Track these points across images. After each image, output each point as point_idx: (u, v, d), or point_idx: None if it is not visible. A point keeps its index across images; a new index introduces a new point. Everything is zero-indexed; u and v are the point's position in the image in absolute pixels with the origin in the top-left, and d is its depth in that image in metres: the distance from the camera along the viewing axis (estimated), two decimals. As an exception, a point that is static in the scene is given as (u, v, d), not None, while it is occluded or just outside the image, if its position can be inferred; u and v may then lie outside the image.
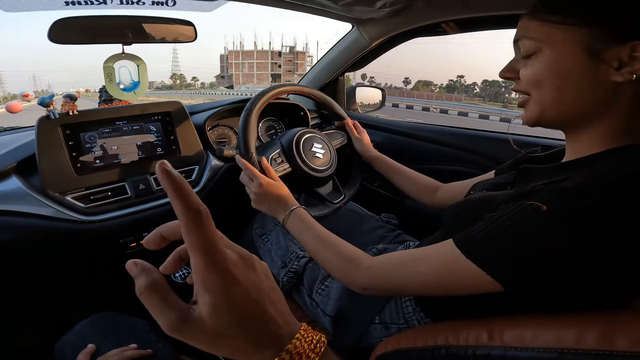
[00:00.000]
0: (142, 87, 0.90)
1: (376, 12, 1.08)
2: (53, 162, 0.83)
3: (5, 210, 0.78)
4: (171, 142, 1.00)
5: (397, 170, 1.01)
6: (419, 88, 77.16)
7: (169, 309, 0.26)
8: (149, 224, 0.95)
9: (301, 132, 0.99)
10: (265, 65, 71.71)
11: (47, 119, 0.82)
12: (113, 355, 0.63)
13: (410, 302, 0.67)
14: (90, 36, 0.79)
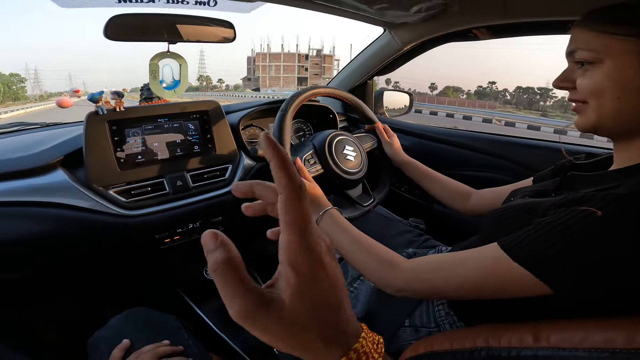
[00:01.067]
0: (182, 86, 0.93)
1: (411, 16, 1.07)
2: (99, 156, 0.86)
3: (50, 202, 0.81)
4: (207, 140, 1.03)
5: (428, 175, 1.01)
6: (449, 94, 74.50)
7: (245, 292, 0.23)
8: (184, 221, 0.98)
9: (333, 134, 1.01)
10: (292, 68, 71.26)
11: (96, 114, 0.85)
12: (147, 351, 0.65)
13: (442, 306, 0.67)
14: (141, 34, 0.82)
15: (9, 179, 0.81)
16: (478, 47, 31.97)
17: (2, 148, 0.95)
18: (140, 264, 1.11)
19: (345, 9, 1.07)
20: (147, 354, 0.64)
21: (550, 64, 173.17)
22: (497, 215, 0.61)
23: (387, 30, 1.31)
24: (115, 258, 1.03)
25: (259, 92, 53.76)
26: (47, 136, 0.96)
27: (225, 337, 0.96)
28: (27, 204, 0.79)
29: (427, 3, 0.97)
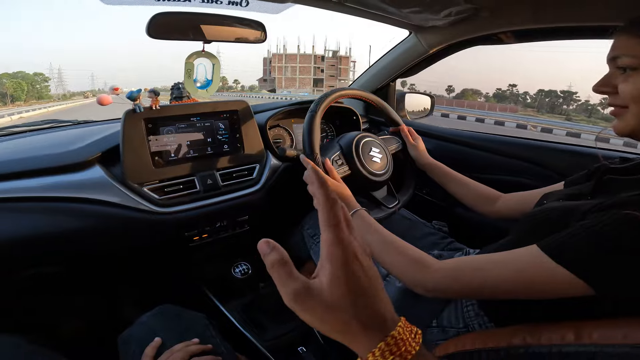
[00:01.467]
0: (214, 85, 0.94)
1: (439, 20, 1.07)
2: (135, 153, 0.88)
3: (88, 198, 0.83)
4: (236, 139, 1.04)
5: (454, 178, 1.00)
6: (468, 97, 72.10)
7: (294, 280, 0.30)
8: (213, 219, 1.00)
9: (360, 135, 1.01)
10: (308, 69, 70.58)
11: (133, 112, 0.87)
12: (179, 349, 0.66)
13: (472, 307, 0.67)
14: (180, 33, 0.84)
15: (49, 174, 0.83)
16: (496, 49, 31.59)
17: (39, 144, 0.98)
18: (169, 261, 1.13)
19: (374, 12, 1.08)
20: (178, 352, 0.65)
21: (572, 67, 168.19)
22: (532, 218, 0.62)
23: (412, 32, 1.31)
24: (146, 254, 1.05)
25: (274, 93, 53.46)
26: (84, 133, 0.98)
27: (249, 336, 0.97)
28: (66, 199, 0.82)
29: (457, 7, 0.96)
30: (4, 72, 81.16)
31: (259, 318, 1.04)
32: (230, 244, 1.12)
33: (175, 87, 1.04)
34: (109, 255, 0.99)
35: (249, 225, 1.09)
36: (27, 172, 0.83)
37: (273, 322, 1.03)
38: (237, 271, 1.11)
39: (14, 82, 75.55)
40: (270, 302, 1.07)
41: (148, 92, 0.89)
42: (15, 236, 0.80)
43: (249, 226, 1.10)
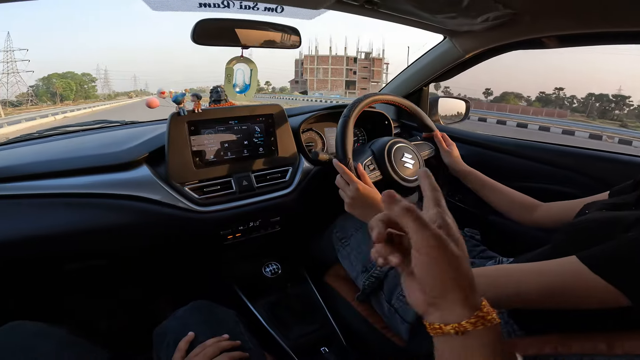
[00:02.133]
0: (252, 90, 0.99)
1: (476, 25, 1.06)
2: (179, 154, 0.92)
3: (137, 196, 0.88)
4: (271, 142, 1.07)
5: (489, 185, 0.99)
6: (510, 100, 68.13)
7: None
8: (247, 219, 1.03)
9: (393, 141, 1.01)
10: (340, 71, 69.70)
11: (178, 115, 0.92)
12: (210, 344, 0.68)
13: (502, 315, 0.65)
14: (220, 39, 0.88)
15: (101, 172, 0.90)
16: (537, 52, 29.54)
17: (92, 144, 1.05)
18: (203, 258, 1.17)
19: (408, 17, 1.08)
20: (210, 347, 0.67)
21: (621, 70, 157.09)
22: (572, 228, 0.61)
23: (447, 37, 1.29)
24: (184, 251, 1.09)
25: (306, 95, 53.27)
26: (132, 134, 1.04)
27: (274, 334, 0.99)
28: (116, 196, 0.88)
29: (495, 12, 0.94)
30: (54, 72, 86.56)
31: (284, 317, 1.06)
32: (261, 243, 1.16)
33: (214, 90, 1.09)
34: (151, 250, 1.04)
35: (280, 226, 1.12)
36: (81, 170, 0.90)
37: (298, 321, 1.04)
38: (268, 270, 1.14)
39: (63, 82, 79.74)
40: (296, 302, 1.10)
41: (191, 96, 0.93)
42: (69, 230, 0.87)
43: (280, 227, 1.12)
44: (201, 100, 0.95)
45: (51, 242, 0.88)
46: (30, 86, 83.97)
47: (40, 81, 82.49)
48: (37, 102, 77.39)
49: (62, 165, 0.90)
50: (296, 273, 1.19)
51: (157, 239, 0.99)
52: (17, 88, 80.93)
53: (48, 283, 1.06)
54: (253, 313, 1.05)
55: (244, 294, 1.11)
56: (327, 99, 34.96)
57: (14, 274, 0.95)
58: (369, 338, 0.93)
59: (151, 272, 1.20)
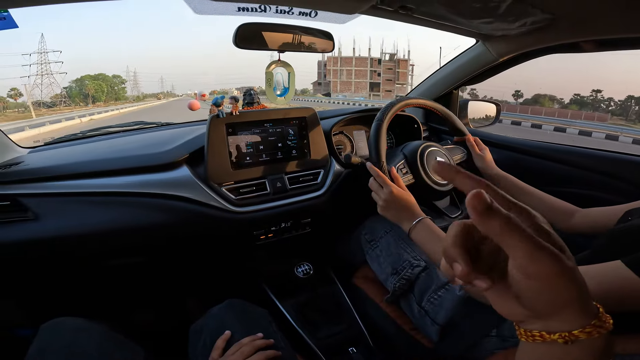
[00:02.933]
0: (290, 93, 1.01)
1: (512, 29, 1.04)
2: (217, 155, 0.96)
3: (177, 195, 0.92)
4: (304, 145, 1.10)
5: (524, 190, 0.97)
6: (544, 103, 63.13)
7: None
8: (279, 220, 1.06)
9: (425, 145, 1.02)
10: (364, 73, 68.23)
11: (217, 117, 0.95)
12: (246, 343, 0.69)
13: None
14: (260, 43, 0.91)
15: (143, 172, 0.94)
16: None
17: (135, 145, 1.10)
18: (236, 257, 1.20)
19: (443, 22, 1.07)
20: (246, 346, 0.68)
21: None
22: (616, 234, 0.60)
23: (480, 41, 1.28)
24: (218, 249, 1.13)
25: (330, 97, 52.42)
26: (171, 135, 1.09)
27: (302, 334, 1.01)
28: (158, 195, 0.92)
29: (533, 17, 0.93)
30: (87, 74, 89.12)
31: (313, 317, 1.07)
32: (291, 244, 1.18)
33: (247, 93, 1.12)
34: (186, 248, 1.08)
35: (311, 227, 1.14)
36: (125, 170, 0.94)
37: (325, 322, 1.06)
38: (300, 271, 1.16)
39: (95, 83, 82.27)
40: (324, 303, 1.11)
41: (229, 99, 0.97)
42: (114, 226, 0.91)
43: (311, 228, 1.14)
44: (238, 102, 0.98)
45: (95, 239, 0.93)
46: (63, 87, 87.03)
47: (74, 83, 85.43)
48: (70, 103, 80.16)
49: (106, 165, 0.95)
50: (324, 274, 1.21)
51: (194, 237, 1.02)
52: (50, 89, 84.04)
53: (88, 279, 1.11)
54: (282, 312, 1.07)
55: (273, 294, 1.14)
56: (351, 101, 34.51)
57: (57, 269, 1.00)
58: (396, 339, 0.94)
59: (186, 270, 1.23)
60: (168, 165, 0.96)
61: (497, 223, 0.25)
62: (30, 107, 50.42)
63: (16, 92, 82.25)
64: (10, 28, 0.79)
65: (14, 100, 77.38)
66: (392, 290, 0.92)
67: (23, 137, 10.79)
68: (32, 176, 0.92)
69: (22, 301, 1.09)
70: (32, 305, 1.09)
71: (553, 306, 0.27)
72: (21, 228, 0.87)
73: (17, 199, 0.89)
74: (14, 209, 0.88)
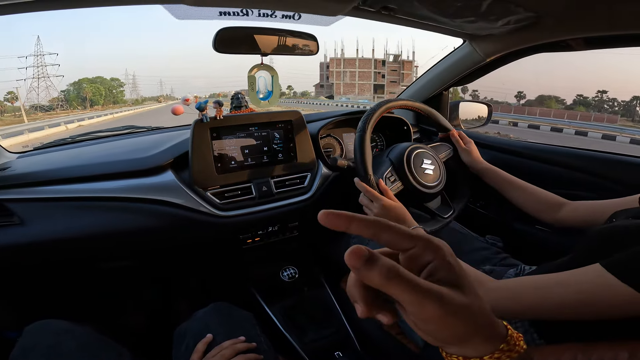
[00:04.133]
0: (275, 96, 1.01)
1: (497, 28, 1.04)
2: (202, 160, 0.96)
3: (162, 200, 0.92)
4: (290, 148, 1.09)
5: (512, 183, 0.97)
6: (551, 105, 58.87)
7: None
8: (266, 224, 1.05)
9: (411, 147, 1.00)
10: (368, 74, 65.72)
11: (201, 121, 0.95)
12: (227, 346, 0.69)
13: (521, 323, 0.64)
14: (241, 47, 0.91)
15: (129, 177, 0.94)
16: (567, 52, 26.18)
17: (122, 149, 1.10)
18: (222, 262, 1.20)
19: (426, 22, 1.07)
20: (227, 349, 0.68)
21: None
22: (598, 235, 0.59)
23: (467, 41, 1.28)
24: (204, 253, 1.12)
25: (333, 100, 51.39)
26: (158, 140, 1.09)
27: (289, 337, 1.01)
28: (143, 200, 0.92)
29: (516, 16, 0.92)
30: (84, 77, 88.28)
31: (300, 321, 1.07)
32: (279, 248, 1.17)
33: (235, 96, 1.11)
34: (173, 252, 1.07)
35: (298, 231, 1.14)
36: (111, 175, 0.94)
37: (313, 325, 1.05)
38: (285, 274, 1.15)
39: (93, 87, 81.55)
40: (312, 306, 1.10)
41: (213, 103, 0.97)
42: (99, 231, 0.91)
43: (298, 232, 1.14)
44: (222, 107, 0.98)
45: (83, 243, 0.93)
46: (61, 91, 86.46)
47: (71, 86, 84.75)
48: (68, 107, 79.80)
49: (92, 170, 0.95)
50: (313, 278, 1.20)
51: (180, 241, 1.02)
52: (47, 93, 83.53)
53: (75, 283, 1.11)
54: (269, 316, 1.07)
55: (261, 297, 1.13)
56: (355, 104, 32.74)
57: (44, 273, 1.00)
58: (383, 344, 0.93)
59: (172, 274, 1.23)
60: (153, 170, 0.95)
61: (377, 276, 0.24)
62: (23, 111, 50.25)
63: (13, 95, 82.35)
64: None
65: (11, 104, 77.53)
66: None
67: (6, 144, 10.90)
68: (19, 181, 0.92)
69: (9, 304, 1.09)
70: (19, 307, 1.09)
71: (456, 339, 0.28)
72: (6, 233, 0.87)
73: (3, 204, 0.89)
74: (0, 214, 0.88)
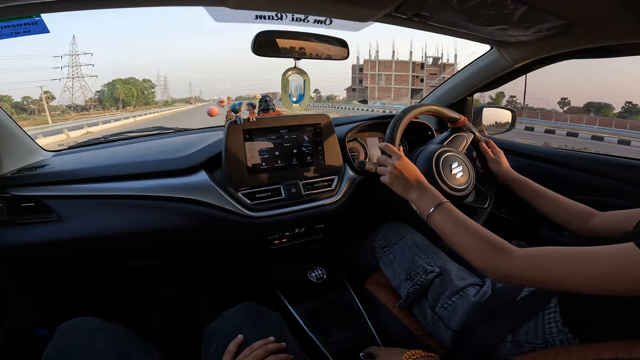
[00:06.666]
0: (306, 99, 1.04)
1: (527, 36, 1.04)
2: (234, 161, 0.98)
3: (195, 200, 0.94)
4: (318, 152, 1.11)
5: (541, 194, 0.96)
6: (609, 114, 47.78)
7: None
8: (293, 225, 1.07)
9: (439, 152, 1.00)
10: (405, 78, 60.36)
11: (235, 123, 0.97)
12: (258, 347, 0.69)
13: (556, 323, 0.64)
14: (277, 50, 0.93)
15: (163, 177, 0.97)
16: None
17: (155, 149, 1.13)
18: (249, 262, 1.22)
19: (457, 30, 1.08)
20: (259, 350, 0.68)
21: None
22: (628, 238, 0.58)
23: (494, 47, 1.28)
24: (232, 253, 1.14)
25: (366, 105, 48.74)
26: (189, 141, 1.12)
27: (314, 338, 1.01)
28: (177, 199, 0.94)
29: (548, 24, 0.92)
30: (118, 78, 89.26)
31: (325, 322, 1.07)
32: (303, 250, 1.19)
33: (263, 99, 1.13)
34: (202, 252, 1.10)
35: (324, 233, 1.15)
36: (145, 174, 0.97)
37: (337, 327, 1.06)
38: (313, 275, 1.16)
39: (125, 88, 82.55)
40: (337, 308, 1.12)
41: (247, 105, 0.99)
42: (133, 229, 0.94)
43: (324, 234, 1.15)
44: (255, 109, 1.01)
45: (115, 241, 0.95)
46: (96, 91, 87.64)
47: (105, 87, 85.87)
48: (101, 107, 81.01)
49: (127, 170, 0.99)
50: (337, 279, 1.21)
51: (210, 241, 1.04)
52: (81, 93, 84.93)
53: (106, 281, 1.14)
54: (294, 317, 1.08)
55: (285, 298, 1.15)
56: (392, 109, 29.04)
57: (77, 270, 1.03)
58: (408, 344, 0.93)
59: (201, 273, 1.25)
60: (187, 170, 0.98)
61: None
62: (47, 111, 51.24)
63: (49, 95, 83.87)
64: (42, 33, 0.83)
65: (47, 104, 79.22)
66: (406, 296, 0.92)
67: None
68: (57, 179, 0.96)
69: (41, 301, 1.12)
70: (50, 305, 1.12)
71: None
72: (45, 229, 0.91)
73: (42, 201, 0.92)
74: (39, 210, 0.92)
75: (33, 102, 79.69)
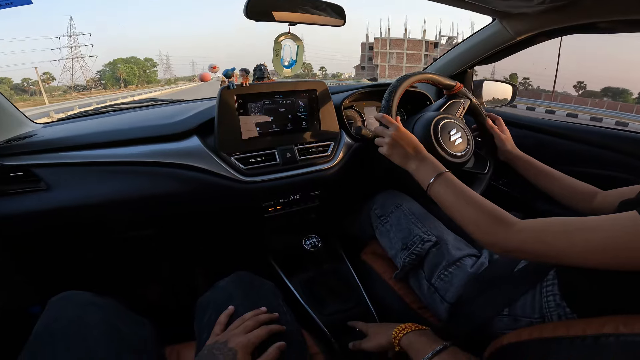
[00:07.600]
0: (298, 65, 1.01)
1: (530, 7, 0.99)
2: (227, 126, 0.96)
3: (187, 165, 0.93)
4: (314, 117, 1.09)
5: (546, 173, 0.94)
6: (628, 99, 46.68)
7: None
8: (288, 191, 1.06)
9: (439, 117, 0.97)
10: (418, 57, 58.09)
11: (227, 88, 0.95)
12: (249, 318, 0.67)
13: (554, 297, 0.63)
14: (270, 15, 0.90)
15: (154, 142, 0.95)
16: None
17: (145, 117, 1.11)
18: (243, 230, 1.21)
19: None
20: (249, 321, 0.67)
21: None
22: (635, 205, 0.57)
23: (496, 19, 1.23)
24: (226, 221, 1.13)
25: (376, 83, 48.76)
26: (182, 109, 1.09)
27: (308, 309, 1.01)
28: (167, 164, 0.92)
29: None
30: (119, 57, 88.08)
31: (320, 293, 1.07)
32: (298, 218, 1.18)
33: (258, 68, 1.10)
34: (195, 219, 1.08)
35: (320, 200, 1.14)
36: (135, 140, 0.95)
37: (332, 298, 1.06)
38: (308, 243, 1.16)
39: (127, 67, 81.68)
40: (332, 279, 1.11)
41: (240, 71, 0.97)
42: (125, 196, 0.92)
43: (319, 201, 1.14)
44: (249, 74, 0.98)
45: (107, 208, 0.94)
46: (97, 71, 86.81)
47: (107, 66, 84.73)
48: (102, 87, 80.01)
49: (117, 136, 0.96)
50: (332, 249, 1.21)
51: (204, 207, 1.03)
52: (81, 73, 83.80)
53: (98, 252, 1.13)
54: (288, 288, 1.07)
55: (280, 268, 1.14)
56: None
57: (68, 241, 1.01)
58: (404, 317, 0.92)
59: (195, 242, 1.24)
60: (178, 135, 0.96)
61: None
62: (43, 92, 50.63)
63: (49, 76, 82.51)
64: (24, 4, 0.79)
65: (47, 85, 78.09)
66: (402, 266, 0.90)
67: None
68: (45, 147, 0.93)
69: (33, 277, 1.11)
70: (42, 281, 1.11)
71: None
72: (34, 198, 0.89)
73: (30, 170, 0.90)
74: (27, 180, 0.90)
75: (33, 83, 78.62)
